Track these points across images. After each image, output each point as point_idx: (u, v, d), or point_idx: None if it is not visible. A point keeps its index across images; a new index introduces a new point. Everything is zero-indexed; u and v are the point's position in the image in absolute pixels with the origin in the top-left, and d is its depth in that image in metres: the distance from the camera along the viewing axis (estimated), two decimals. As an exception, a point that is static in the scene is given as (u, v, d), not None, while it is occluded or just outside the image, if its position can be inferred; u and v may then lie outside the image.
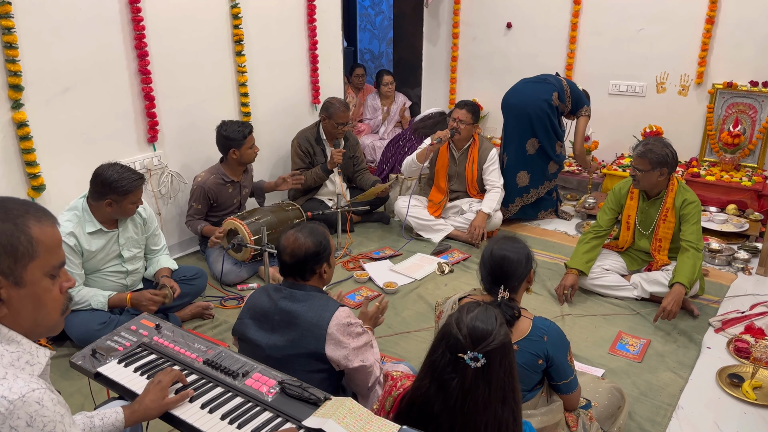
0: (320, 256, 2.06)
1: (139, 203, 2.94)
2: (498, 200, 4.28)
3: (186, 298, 3.24)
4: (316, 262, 2.05)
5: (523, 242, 2.20)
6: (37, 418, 1.09)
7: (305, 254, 2.02)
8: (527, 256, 2.14)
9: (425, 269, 3.90)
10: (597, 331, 3.22)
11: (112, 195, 2.79)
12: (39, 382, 1.13)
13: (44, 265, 1.20)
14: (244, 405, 1.70)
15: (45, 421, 1.10)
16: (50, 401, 1.13)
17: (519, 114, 4.39)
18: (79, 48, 3.27)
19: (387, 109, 6.14)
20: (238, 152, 3.75)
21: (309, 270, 2.05)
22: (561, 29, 5.45)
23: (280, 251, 2.06)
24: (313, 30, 4.66)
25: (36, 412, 1.10)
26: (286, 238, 2.06)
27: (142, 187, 2.91)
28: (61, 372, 2.82)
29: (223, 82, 4.13)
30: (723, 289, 3.62)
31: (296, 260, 2.03)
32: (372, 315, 2.38)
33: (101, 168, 2.82)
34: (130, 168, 2.88)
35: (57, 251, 1.23)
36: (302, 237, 2.04)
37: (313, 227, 2.11)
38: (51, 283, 1.22)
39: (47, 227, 1.21)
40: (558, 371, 2.07)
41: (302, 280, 2.07)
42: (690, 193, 3.34)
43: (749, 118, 4.78)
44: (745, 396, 2.68)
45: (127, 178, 2.80)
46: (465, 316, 1.50)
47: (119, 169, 2.82)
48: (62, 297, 1.25)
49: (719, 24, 4.76)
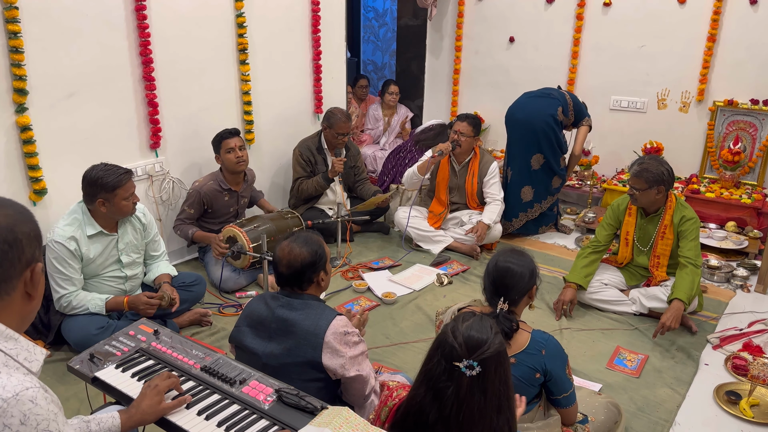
0: (316, 265, 2.06)
1: (134, 199, 2.92)
2: (498, 212, 4.28)
3: (184, 304, 3.23)
4: (312, 272, 2.05)
5: (530, 257, 2.19)
6: (30, 417, 1.10)
7: (302, 264, 2.02)
8: (532, 272, 2.13)
9: (424, 280, 3.90)
10: (595, 346, 3.21)
11: (102, 193, 2.80)
12: (33, 381, 1.14)
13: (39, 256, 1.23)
14: (240, 412, 1.70)
15: (38, 420, 1.10)
16: (44, 400, 1.13)
17: (524, 129, 4.40)
18: (85, 53, 3.29)
19: (388, 120, 6.16)
20: (220, 158, 3.77)
21: (306, 280, 2.05)
22: (563, 44, 5.49)
23: (276, 263, 2.06)
24: (317, 40, 4.69)
25: (29, 411, 1.10)
26: (281, 249, 2.06)
27: (133, 182, 2.90)
28: (58, 376, 2.82)
29: (226, 90, 4.15)
30: (721, 306, 3.62)
31: (293, 271, 2.03)
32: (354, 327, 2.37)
33: (87, 170, 2.84)
34: (115, 165, 2.88)
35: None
36: (297, 247, 2.04)
37: (308, 236, 2.11)
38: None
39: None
40: (556, 385, 2.06)
41: (299, 289, 2.07)
42: (688, 210, 3.35)
43: (749, 135, 4.80)
44: (743, 414, 2.67)
45: (113, 173, 2.80)
46: (460, 324, 1.51)
47: (103, 166, 2.83)
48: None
49: (720, 42, 4.79)
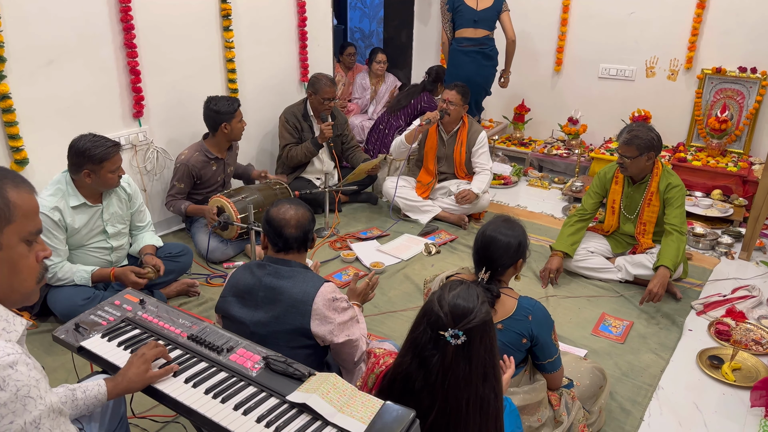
0: (314, 223, 2.12)
1: (120, 172, 2.88)
2: (487, 182, 4.28)
3: (171, 275, 3.22)
4: (313, 231, 2.12)
5: (522, 229, 2.16)
6: (9, 383, 1.09)
7: (309, 222, 2.07)
8: (519, 244, 2.12)
9: (412, 250, 3.90)
10: (581, 313, 3.25)
11: (89, 165, 2.75)
12: (15, 348, 1.13)
13: (21, 231, 1.19)
14: (228, 380, 1.69)
15: (18, 386, 1.10)
16: (25, 366, 1.12)
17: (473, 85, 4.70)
18: (64, 20, 3.21)
19: (375, 88, 6.09)
20: (230, 126, 3.72)
21: (311, 239, 2.10)
22: (552, 12, 5.43)
23: (282, 226, 2.02)
24: (302, 7, 4.60)
25: (9, 377, 1.09)
26: (282, 213, 2.03)
27: (120, 155, 2.86)
28: (45, 347, 2.81)
29: (210, 57, 4.07)
30: (706, 273, 3.66)
31: (302, 231, 2.05)
32: (361, 291, 2.37)
33: (75, 139, 2.78)
34: (104, 136, 2.83)
35: (34, 218, 1.22)
36: (299, 209, 2.07)
37: (291, 199, 2.17)
38: (27, 249, 1.21)
39: (25, 193, 1.21)
40: (542, 350, 2.09)
41: (304, 250, 2.09)
42: (674, 177, 3.36)
43: (737, 104, 4.80)
44: (725, 377, 2.72)
45: (101, 145, 2.76)
46: (447, 294, 1.51)
47: (92, 137, 2.77)
48: (38, 266, 1.25)
49: (709, 9, 4.76)
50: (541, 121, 5.76)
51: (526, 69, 5.66)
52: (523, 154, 5.51)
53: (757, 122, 4.77)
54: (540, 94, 5.72)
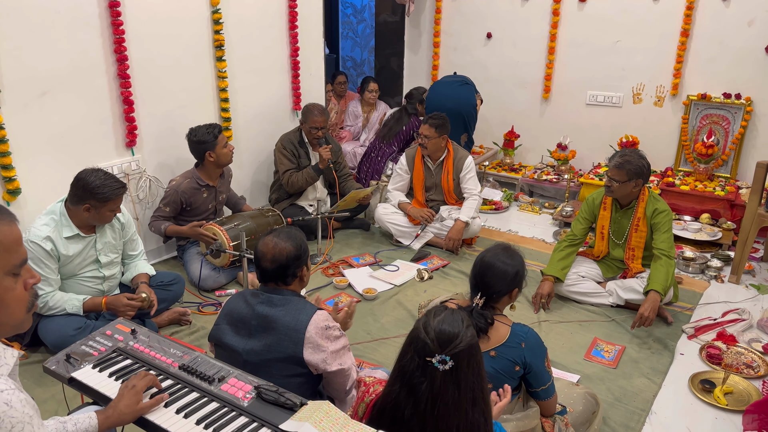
0: (300, 259, 2.07)
1: (118, 211, 2.91)
2: (476, 207, 4.31)
3: (163, 304, 3.21)
4: (297, 266, 2.06)
5: (521, 259, 2.18)
6: (5, 419, 1.09)
7: (287, 258, 2.03)
8: (516, 273, 2.14)
9: (405, 276, 3.91)
10: (573, 338, 3.25)
11: (92, 201, 2.76)
12: (8, 383, 1.13)
13: (4, 265, 1.17)
14: (219, 410, 1.69)
15: (13, 422, 1.10)
16: (19, 402, 1.12)
17: (454, 116, 4.69)
18: (58, 51, 3.25)
19: (367, 116, 6.16)
20: (214, 154, 3.74)
21: (290, 274, 2.05)
22: (540, 40, 5.53)
23: (260, 258, 2.05)
24: (294, 36, 4.67)
25: (4, 413, 1.09)
26: (264, 244, 2.05)
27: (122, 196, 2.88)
28: (35, 378, 2.78)
29: (203, 87, 4.12)
30: (696, 296, 3.69)
31: (277, 265, 2.02)
32: (341, 320, 2.37)
33: (84, 172, 2.79)
34: (114, 176, 2.85)
35: (17, 249, 1.20)
36: (281, 242, 2.04)
37: (289, 231, 2.12)
38: (13, 281, 1.19)
39: (4, 226, 1.18)
40: (536, 378, 2.09)
41: (284, 284, 2.06)
42: (660, 203, 3.40)
43: (722, 129, 4.88)
44: (717, 401, 2.72)
45: (109, 186, 2.77)
46: (432, 320, 1.52)
47: (102, 175, 2.79)
48: (27, 294, 1.22)
49: (694, 37, 4.86)
50: (531, 147, 5.83)
51: (515, 96, 5.75)
52: (513, 179, 5.56)
53: (743, 147, 4.84)
54: (529, 120, 5.80)
